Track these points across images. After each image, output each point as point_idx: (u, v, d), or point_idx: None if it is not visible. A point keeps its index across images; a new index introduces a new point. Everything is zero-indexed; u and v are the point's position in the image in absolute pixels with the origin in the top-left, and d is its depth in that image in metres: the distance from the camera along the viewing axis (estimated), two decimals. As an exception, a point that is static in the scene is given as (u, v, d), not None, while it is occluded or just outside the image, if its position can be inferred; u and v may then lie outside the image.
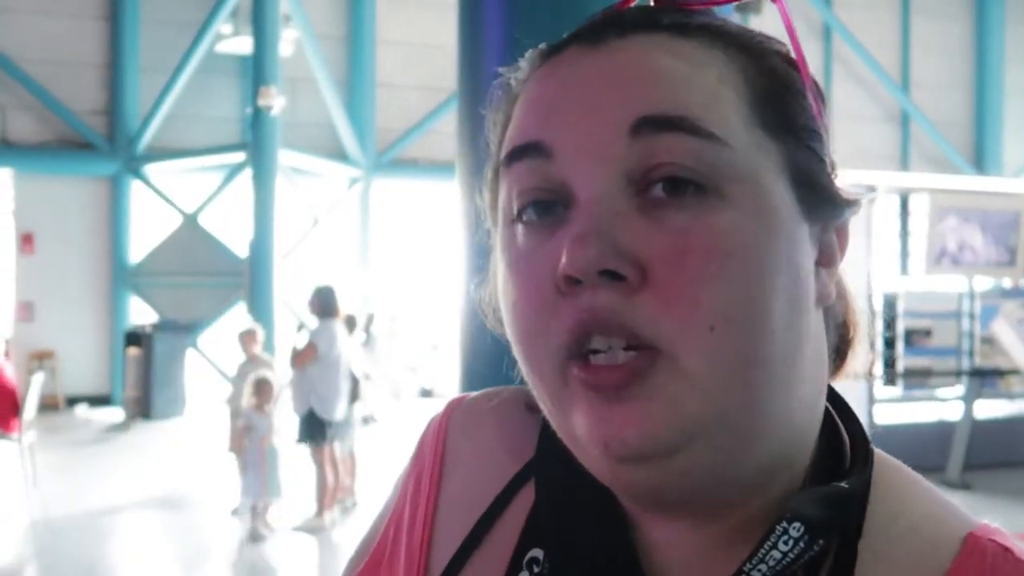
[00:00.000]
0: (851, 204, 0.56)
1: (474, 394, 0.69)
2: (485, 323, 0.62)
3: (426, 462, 0.67)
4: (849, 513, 0.53)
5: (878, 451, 0.58)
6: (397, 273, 13.49)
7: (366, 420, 9.81)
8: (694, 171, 0.49)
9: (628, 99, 0.50)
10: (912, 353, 8.19)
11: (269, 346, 8.22)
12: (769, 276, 0.50)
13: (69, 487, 7.69)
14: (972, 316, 8.46)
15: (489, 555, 0.61)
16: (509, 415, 0.66)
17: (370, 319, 11.24)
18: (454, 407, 0.69)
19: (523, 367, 0.54)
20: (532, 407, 0.63)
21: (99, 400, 11.94)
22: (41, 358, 11.47)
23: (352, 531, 6.63)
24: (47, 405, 10.25)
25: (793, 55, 0.56)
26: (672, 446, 0.49)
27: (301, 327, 7.53)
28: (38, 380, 7.92)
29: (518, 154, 0.53)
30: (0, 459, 7.64)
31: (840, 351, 0.61)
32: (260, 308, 10.52)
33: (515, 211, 0.53)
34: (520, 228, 0.53)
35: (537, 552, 0.59)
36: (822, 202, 0.54)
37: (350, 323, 7.79)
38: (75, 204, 12.12)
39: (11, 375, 7.55)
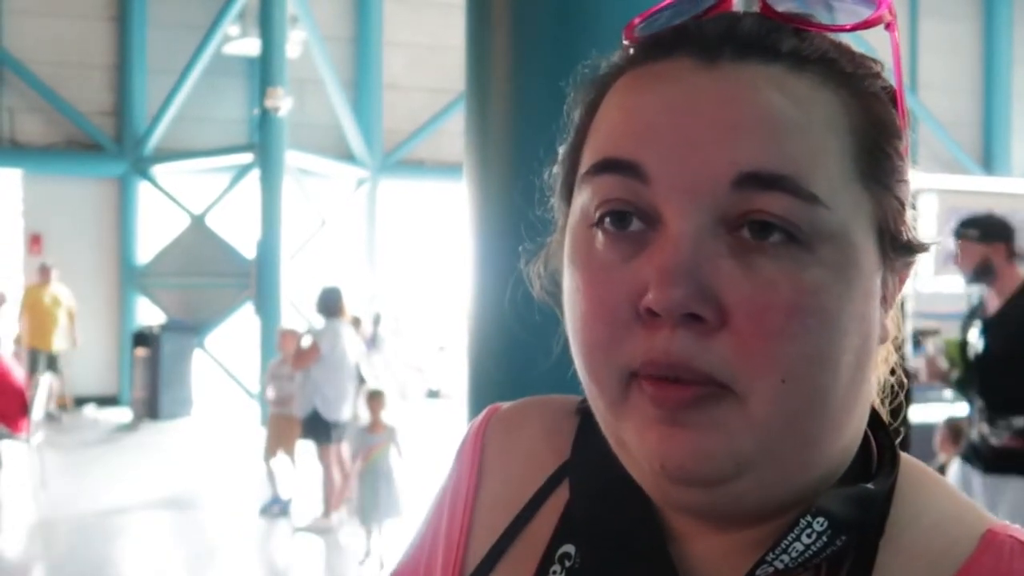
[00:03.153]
0: (923, 249, 0.56)
1: (512, 402, 0.71)
2: (531, 291, 0.64)
3: (464, 467, 0.69)
4: (873, 512, 0.54)
5: (905, 455, 0.59)
6: (404, 274, 13.49)
7: (373, 421, 9.80)
8: (791, 226, 0.50)
9: (735, 147, 0.49)
10: (920, 354, 8.16)
11: (271, 347, 8.23)
12: (844, 335, 0.51)
13: (77, 487, 7.71)
14: (980, 317, 8.43)
15: (523, 551, 0.62)
16: (546, 420, 0.68)
17: (376, 319, 11.25)
18: (492, 413, 0.71)
19: (581, 372, 0.54)
20: (571, 411, 0.66)
21: (107, 400, 11.96)
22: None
23: (359, 532, 6.64)
24: (56, 405, 10.27)
25: (891, 84, 0.56)
26: (724, 476, 0.51)
27: (311, 329, 7.55)
28: (46, 381, 7.95)
29: (611, 167, 0.52)
30: (9, 459, 7.66)
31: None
32: (267, 309, 10.53)
33: (596, 217, 0.53)
34: (599, 235, 0.53)
35: (569, 547, 0.60)
36: (899, 249, 0.55)
37: (355, 324, 7.81)
38: (83, 205, 12.14)
39: (19, 376, 7.58)
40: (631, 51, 0.56)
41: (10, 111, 11.94)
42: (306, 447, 6.76)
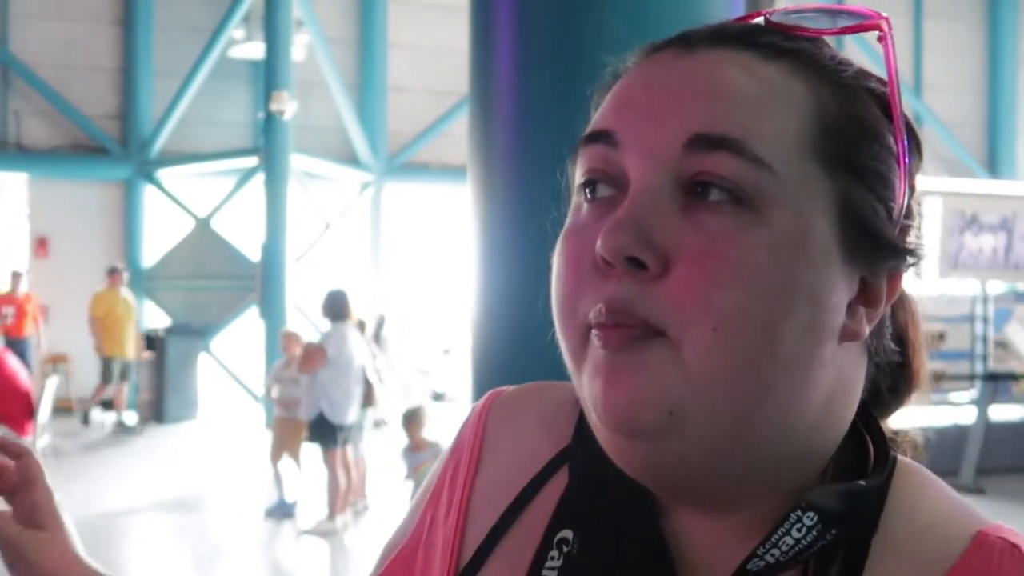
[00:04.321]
0: (907, 253, 0.58)
1: (514, 387, 0.73)
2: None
3: (464, 449, 0.70)
4: (864, 508, 0.55)
5: (900, 456, 0.61)
6: (409, 277, 13.50)
7: (378, 424, 9.82)
8: (735, 186, 0.52)
9: (688, 112, 0.54)
10: None
11: (276, 350, 8.24)
12: (782, 299, 0.52)
13: (83, 490, 7.72)
14: (985, 320, 8.42)
15: (521, 535, 0.63)
16: (548, 406, 0.69)
17: (381, 322, 11.26)
18: (495, 397, 0.72)
19: (557, 329, 0.58)
20: (574, 398, 0.66)
21: (112, 404, 11.98)
22: (55, 362, 11.51)
23: (364, 534, 6.64)
24: (61, 408, 10.29)
25: (887, 96, 0.57)
26: (657, 426, 0.52)
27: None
28: (52, 383, 7.96)
29: (593, 138, 0.57)
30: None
31: (896, 391, 0.64)
32: (272, 312, 10.55)
33: (580, 186, 0.58)
34: (584, 203, 0.57)
35: (567, 532, 0.61)
36: (869, 245, 0.56)
37: (360, 327, 7.83)
38: (89, 208, 12.17)
39: (26, 378, 7.59)
40: (635, 55, 0.61)
41: (16, 114, 11.98)
42: (311, 450, 6.76)
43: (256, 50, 11.58)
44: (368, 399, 6.91)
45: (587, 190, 0.57)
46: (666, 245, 0.52)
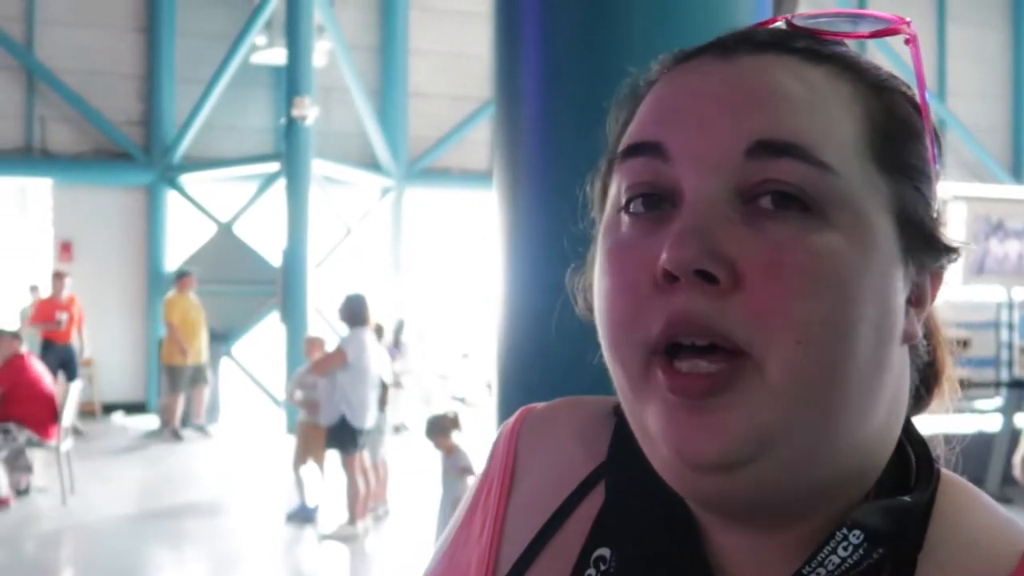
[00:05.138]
0: (950, 251, 0.57)
1: (545, 403, 0.71)
2: (575, 307, 0.64)
3: (497, 468, 0.68)
4: (910, 525, 0.54)
5: (944, 470, 0.59)
6: (429, 282, 13.52)
7: (398, 428, 9.83)
8: (802, 192, 0.51)
9: (747, 119, 0.52)
10: None
11: (297, 355, 8.27)
12: (858, 304, 0.51)
13: (105, 493, 7.77)
14: (1011, 326, 8.34)
15: (556, 553, 0.62)
16: (582, 422, 0.68)
17: (400, 327, 11.28)
18: (525, 414, 0.70)
19: (607, 353, 0.56)
20: (607, 413, 0.66)
21: (134, 407, 12.05)
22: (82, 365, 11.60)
23: (385, 539, 6.65)
24: (85, 412, 10.36)
25: (917, 98, 0.58)
26: (744, 457, 0.51)
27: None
28: (76, 387, 8.02)
29: (635, 150, 0.55)
30: (39, 465, 7.74)
31: (923, 390, 0.63)
32: (293, 316, 10.59)
33: (623, 202, 0.55)
34: (625, 218, 0.55)
35: (604, 551, 0.60)
36: (922, 244, 0.56)
37: (377, 332, 7.84)
38: (112, 213, 12.26)
39: (49, 383, 7.65)
40: (663, 64, 0.60)
41: (41, 120, 12.09)
42: (332, 455, 6.77)
43: (278, 56, 11.64)
44: (382, 402, 6.91)
45: (630, 205, 0.55)
46: (734, 257, 0.50)
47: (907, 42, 0.57)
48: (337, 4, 12.04)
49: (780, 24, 0.58)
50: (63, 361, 10.42)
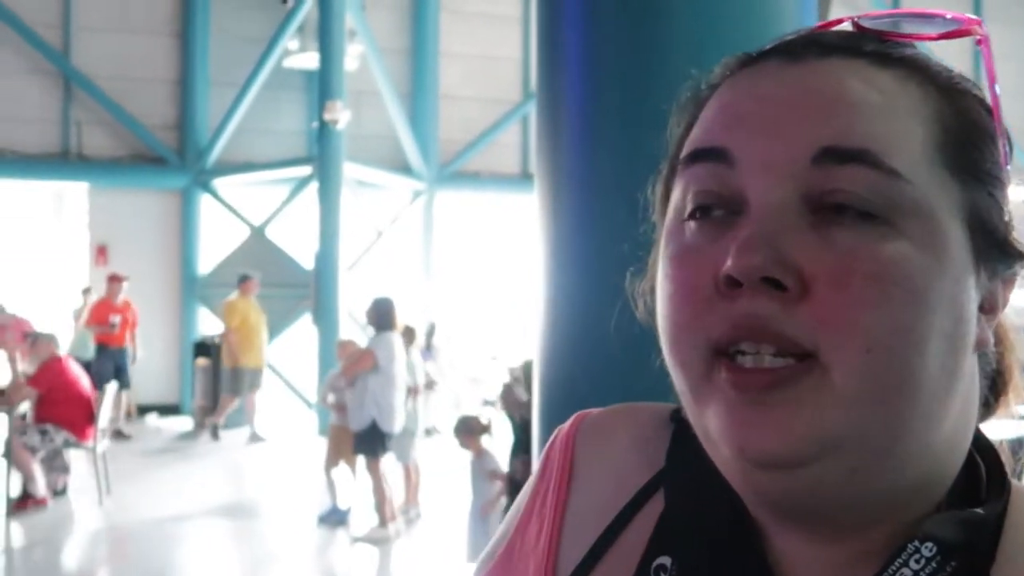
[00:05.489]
0: (1023, 256, 0.56)
1: (601, 409, 0.71)
2: (635, 312, 0.64)
3: (553, 474, 0.68)
4: (983, 538, 0.52)
5: (1015, 481, 0.58)
6: (459, 285, 13.54)
7: (429, 431, 9.85)
8: (870, 202, 0.50)
9: (815, 125, 0.51)
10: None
11: (330, 357, 8.31)
12: (930, 312, 0.50)
13: (140, 494, 7.85)
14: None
15: (616, 562, 0.62)
16: (639, 428, 0.67)
17: (431, 330, 11.30)
18: (581, 420, 0.70)
19: (668, 358, 0.55)
20: (664, 420, 0.65)
21: (168, 409, 12.16)
22: (114, 368, 11.72)
23: (416, 542, 6.66)
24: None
25: (989, 99, 0.56)
26: (808, 456, 0.50)
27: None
28: (112, 389, 8.11)
29: (700, 155, 0.55)
30: (76, 467, 7.83)
31: (991, 397, 0.61)
32: (325, 319, 10.64)
33: (687, 208, 0.55)
34: (689, 224, 0.55)
35: (665, 559, 0.59)
36: (994, 250, 0.54)
37: (409, 335, 7.86)
38: (147, 217, 12.40)
39: (86, 384, 7.74)
40: (726, 67, 0.59)
41: (78, 125, 12.25)
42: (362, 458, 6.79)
43: (310, 60, 11.72)
44: (414, 405, 6.93)
45: (694, 210, 0.55)
46: (801, 264, 0.50)
47: (979, 43, 0.56)
48: (368, 8, 12.10)
49: (846, 25, 0.57)
50: (118, 366, 10.53)
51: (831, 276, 0.49)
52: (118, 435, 10.06)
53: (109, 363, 10.39)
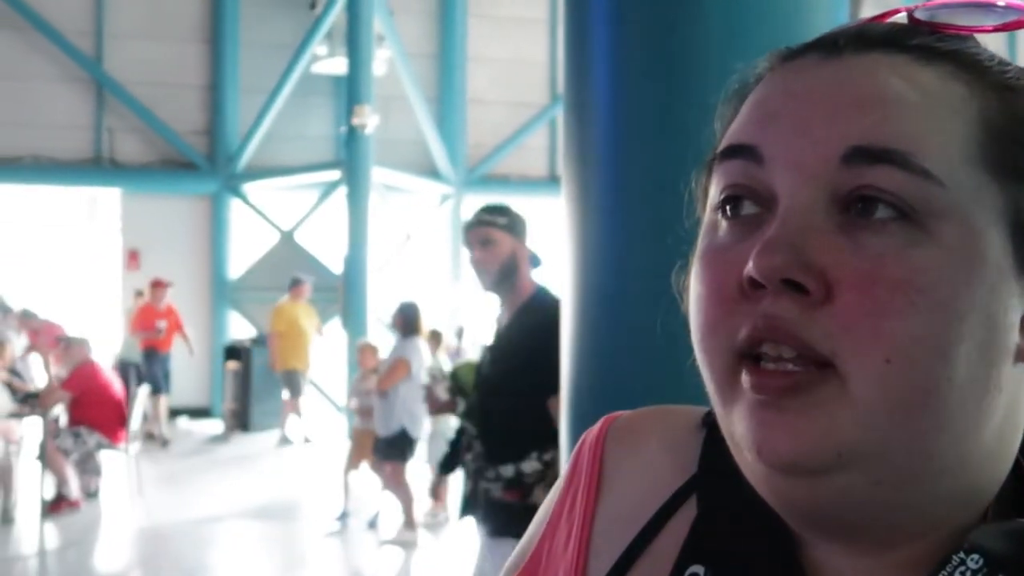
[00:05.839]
0: None
1: (630, 411, 0.69)
2: (680, 305, 0.62)
3: (582, 477, 0.66)
4: None
5: None
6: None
7: (457, 434, 9.85)
8: (900, 204, 0.49)
9: (846, 123, 0.50)
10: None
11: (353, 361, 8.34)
12: (958, 321, 0.48)
13: (172, 496, 7.92)
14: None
15: (648, 570, 0.60)
16: (670, 432, 0.65)
17: (460, 333, 11.32)
18: (610, 422, 0.68)
19: (698, 358, 0.54)
20: (696, 423, 0.64)
21: (199, 412, 12.27)
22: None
23: (444, 544, 6.67)
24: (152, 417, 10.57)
25: None
26: (823, 466, 0.49)
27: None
28: (144, 392, 8.19)
29: (733, 152, 0.54)
30: (108, 469, 7.91)
31: None
32: (354, 323, 10.68)
33: (719, 204, 0.54)
34: (722, 222, 0.54)
35: (698, 568, 0.58)
36: None
37: (436, 339, 7.84)
38: (177, 222, 12.52)
39: (119, 388, 7.82)
40: (769, 60, 0.57)
41: (110, 131, 12.39)
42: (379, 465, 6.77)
43: (339, 65, 11.78)
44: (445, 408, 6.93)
45: (726, 208, 0.53)
46: (825, 267, 0.48)
47: None
48: (396, 13, 12.15)
49: (901, 17, 0.54)
50: (165, 371, 10.64)
51: (854, 281, 0.48)
52: (160, 441, 10.17)
53: (159, 368, 10.51)
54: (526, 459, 2.95)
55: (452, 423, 7.34)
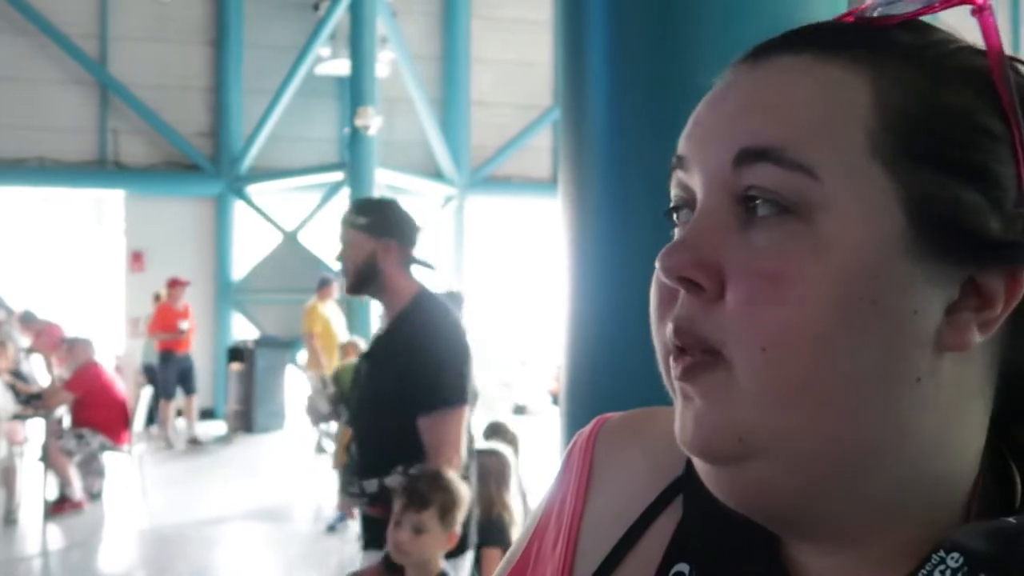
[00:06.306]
0: (1016, 247, 0.51)
1: (621, 412, 0.70)
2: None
3: (571, 478, 0.67)
4: (1015, 548, 0.49)
5: None
6: (491, 289, 13.56)
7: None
8: (778, 197, 0.51)
9: (739, 126, 0.53)
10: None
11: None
12: (837, 311, 0.49)
13: (175, 497, 7.93)
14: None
15: (634, 569, 0.61)
16: (658, 433, 0.66)
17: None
18: (601, 423, 0.70)
19: None
20: None
21: (203, 414, 12.27)
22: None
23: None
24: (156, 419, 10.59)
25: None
26: (729, 452, 0.51)
27: None
28: (147, 393, 8.20)
29: (674, 162, 0.57)
30: (112, 470, 7.92)
31: None
32: (358, 324, 10.69)
33: (667, 212, 0.58)
34: (676, 228, 0.58)
35: (683, 567, 0.59)
36: (967, 243, 0.50)
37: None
38: (181, 223, 12.54)
39: (122, 389, 7.84)
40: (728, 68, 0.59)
41: (114, 133, 12.41)
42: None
43: (342, 67, 11.79)
44: None
45: (673, 216, 0.57)
46: (721, 264, 0.51)
47: (973, 12, 0.52)
48: (400, 15, 12.17)
49: (858, 17, 0.55)
50: (183, 372, 10.60)
51: (739, 275, 0.51)
52: (192, 442, 10.17)
53: (175, 370, 10.49)
54: (392, 473, 2.83)
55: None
